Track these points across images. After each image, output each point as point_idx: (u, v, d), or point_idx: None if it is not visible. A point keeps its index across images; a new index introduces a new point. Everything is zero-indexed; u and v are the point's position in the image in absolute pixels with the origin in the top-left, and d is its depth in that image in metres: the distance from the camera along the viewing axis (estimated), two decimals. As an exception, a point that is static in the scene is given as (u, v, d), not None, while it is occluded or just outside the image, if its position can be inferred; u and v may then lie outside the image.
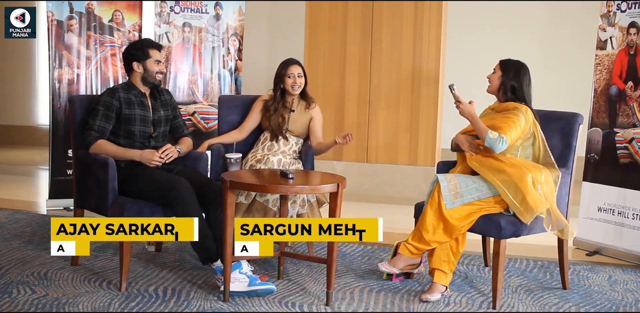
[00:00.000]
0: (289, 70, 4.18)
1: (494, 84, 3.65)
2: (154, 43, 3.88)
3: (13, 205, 5.35)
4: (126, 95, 3.77)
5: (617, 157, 4.34)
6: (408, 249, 3.56)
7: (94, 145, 3.68)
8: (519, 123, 3.48)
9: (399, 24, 6.01)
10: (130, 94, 3.78)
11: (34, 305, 3.23)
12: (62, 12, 5.23)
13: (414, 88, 6.01)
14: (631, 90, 4.30)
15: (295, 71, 4.18)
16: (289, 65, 4.20)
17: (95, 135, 3.69)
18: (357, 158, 6.20)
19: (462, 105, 3.52)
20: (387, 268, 3.63)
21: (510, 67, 3.63)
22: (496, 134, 3.41)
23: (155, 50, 3.82)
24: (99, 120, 3.71)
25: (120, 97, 3.74)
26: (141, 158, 3.69)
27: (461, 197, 3.43)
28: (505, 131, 3.44)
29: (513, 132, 3.46)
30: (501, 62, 3.68)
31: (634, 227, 4.26)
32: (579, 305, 3.45)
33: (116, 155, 3.67)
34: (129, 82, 3.83)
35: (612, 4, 4.43)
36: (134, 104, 3.77)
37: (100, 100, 3.73)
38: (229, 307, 3.27)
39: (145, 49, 3.79)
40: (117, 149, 3.70)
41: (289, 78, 4.18)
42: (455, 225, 3.40)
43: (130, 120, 3.74)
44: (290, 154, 4.17)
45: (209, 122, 5.65)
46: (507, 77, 3.60)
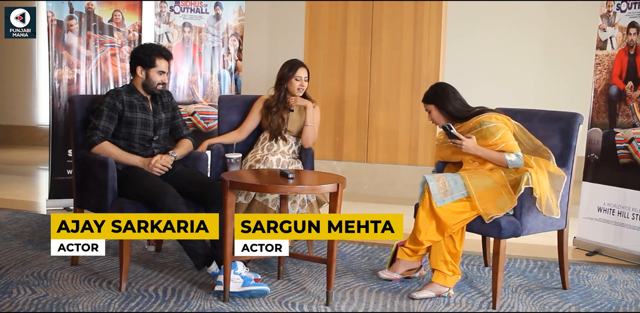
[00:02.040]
0: (297, 72, 4.18)
1: (440, 119, 3.63)
2: (165, 52, 3.80)
3: (13, 205, 5.35)
4: (129, 98, 3.76)
5: (617, 157, 4.34)
6: (405, 252, 3.63)
7: (98, 146, 3.67)
8: (505, 132, 3.49)
9: (399, 24, 6.01)
10: (132, 97, 3.78)
11: (34, 305, 3.23)
12: (62, 12, 5.23)
13: (414, 88, 6.01)
14: (631, 90, 4.30)
15: (303, 74, 4.19)
16: (298, 67, 4.19)
17: (101, 135, 3.67)
18: (357, 158, 6.20)
19: (464, 143, 3.49)
20: (388, 275, 3.68)
21: (432, 98, 3.64)
22: (512, 155, 3.46)
23: (164, 60, 3.77)
24: (104, 121, 3.69)
25: (123, 99, 3.73)
26: (144, 166, 3.71)
27: (451, 194, 3.44)
28: (511, 148, 3.47)
29: (513, 143, 3.49)
30: (423, 99, 3.69)
31: (634, 227, 4.26)
32: (579, 305, 3.45)
33: (119, 159, 3.67)
34: (132, 85, 3.82)
35: (612, 4, 4.43)
36: (136, 107, 3.76)
37: (104, 101, 3.72)
38: (228, 307, 3.27)
39: (154, 57, 3.74)
40: (121, 152, 3.70)
41: (297, 81, 4.18)
42: (446, 222, 3.40)
43: (131, 123, 3.74)
44: (289, 154, 4.17)
45: (209, 122, 5.65)
46: (439, 105, 3.60)
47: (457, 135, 3.49)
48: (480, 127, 3.51)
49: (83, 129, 3.78)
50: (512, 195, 3.35)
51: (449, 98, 3.60)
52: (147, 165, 3.71)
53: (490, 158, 3.51)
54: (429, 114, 3.67)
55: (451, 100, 3.60)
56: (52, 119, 5.24)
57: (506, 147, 3.47)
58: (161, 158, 3.74)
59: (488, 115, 3.53)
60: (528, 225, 3.41)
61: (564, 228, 3.62)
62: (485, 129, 3.50)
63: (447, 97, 3.60)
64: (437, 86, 3.70)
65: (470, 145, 3.49)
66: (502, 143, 3.47)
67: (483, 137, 3.51)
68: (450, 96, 3.61)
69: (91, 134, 3.68)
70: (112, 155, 3.65)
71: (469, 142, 3.49)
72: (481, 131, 3.51)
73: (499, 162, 3.50)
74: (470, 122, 3.56)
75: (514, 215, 3.39)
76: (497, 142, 3.48)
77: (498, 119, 3.51)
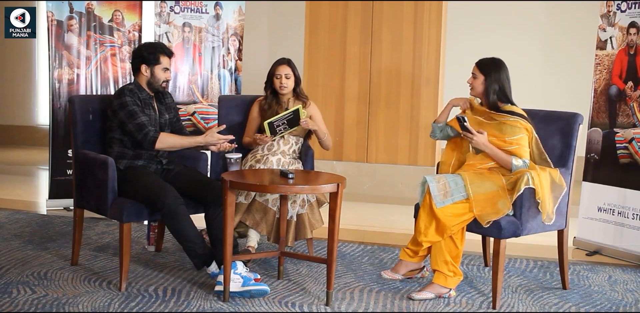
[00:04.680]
0: (276, 70, 4.15)
1: (478, 89, 3.60)
2: (167, 49, 3.80)
3: (13, 205, 5.35)
4: (142, 96, 3.75)
5: (617, 157, 4.34)
6: (406, 253, 3.64)
7: (159, 140, 3.62)
8: (524, 137, 3.49)
9: (399, 24, 6.01)
10: (142, 95, 3.76)
11: (34, 305, 3.23)
12: (62, 12, 5.23)
13: (414, 88, 6.01)
14: (631, 90, 4.30)
15: (283, 72, 4.15)
16: (277, 65, 4.17)
17: (153, 129, 3.64)
18: (357, 158, 6.20)
19: (475, 137, 3.49)
20: (390, 276, 3.68)
21: (489, 68, 3.58)
22: (520, 161, 3.46)
23: (166, 57, 3.76)
24: (144, 116, 3.65)
25: (139, 97, 3.71)
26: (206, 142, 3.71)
27: (451, 196, 3.44)
28: (523, 154, 3.48)
29: (526, 150, 3.50)
30: (478, 64, 3.62)
31: (634, 227, 4.26)
32: (579, 305, 3.45)
33: (182, 144, 3.70)
34: (137, 84, 3.78)
35: (612, 4, 4.43)
36: (148, 105, 3.76)
37: (127, 101, 3.65)
38: (229, 307, 3.27)
39: (157, 54, 3.73)
40: (181, 137, 3.72)
41: (277, 79, 4.16)
42: (446, 223, 3.40)
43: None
44: (289, 154, 4.16)
45: (208, 122, 5.65)
46: (490, 80, 3.56)
47: (469, 129, 3.50)
48: (501, 122, 3.51)
49: (83, 129, 3.78)
50: (508, 200, 3.36)
51: (501, 79, 3.55)
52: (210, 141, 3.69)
53: (496, 157, 3.51)
54: (473, 79, 3.61)
55: (502, 81, 3.55)
56: (52, 119, 5.24)
57: (519, 150, 3.47)
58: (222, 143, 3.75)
59: (515, 120, 3.50)
60: (528, 225, 3.41)
61: (564, 228, 3.62)
62: (506, 125, 3.50)
63: (499, 77, 3.55)
64: (500, 62, 3.60)
65: (480, 140, 3.49)
66: (517, 145, 3.48)
67: (501, 130, 3.51)
68: (502, 77, 3.56)
69: (145, 132, 3.62)
70: (177, 143, 3.68)
71: (480, 137, 3.49)
72: (501, 124, 3.51)
73: (504, 163, 3.50)
74: (494, 114, 3.55)
75: (514, 215, 3.39)
76: (512, 141, 3.48)
77: (521, 125, 3.50)
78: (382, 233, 4.82)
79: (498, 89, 3.56)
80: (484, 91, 3.58)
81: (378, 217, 5.37)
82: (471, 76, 3.63)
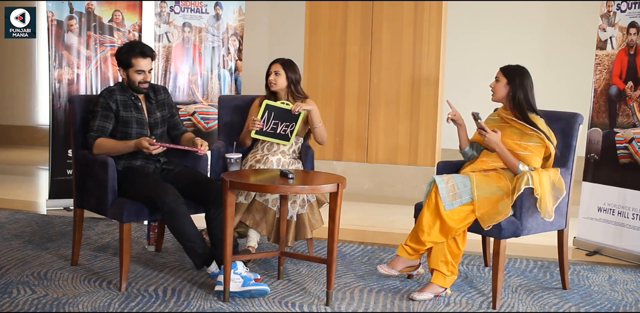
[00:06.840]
0: (269, 68, 4.21)
1: (500, 93, 3.59)
2: (141, 51, 3.69)
3: (13, 205, 5.35)
4: (122, 97, 3.74)
5: (617, 157, 4.34)
6: (405, 250, 3.60)
7: (95, 146, 3.64)
8: (540, 147, 3.48)
9: (399, 24, 6.01)
10: (125, 96, 3.76)
11: (34, 305, 3.23)
12: (62, 12, 5.23)
13: (414, 88, 6.01)
14: (631, 90, 4.30)
15: (273, 69, 4.18)
16: (271, 63, 4.22)
17: (94, 135, 3.66)
18: (357, 158, 6.20)
19: (488, 134, 3.49)
20: (386, 271, 3.65)
21: (514, 73, 3.58)
22: (527, 167, 3.46)
23: (140, 58, 3.68)
24: (98, 121, 3.68)
25: (117, 99, 3.72)
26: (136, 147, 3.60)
27: (460, 198, 3.43)
28: (533, 162, 3.47)
29: (538, 160, 3.49)
30: (503, 69, 3.62)
31: (634, 227, 4.26)
32: (579, 305, 3.45)
33: (117, 149, 3.64)
34: (122, 84, 3.80)
35: (612, 4, 4.43)
36: (130, 106, 3.75)
37: (98, 102, 3.71)
38: (229, 307, 3.27)
39: (129, 58, 3.68)
40: (115, 143, 3.66)
41: (269, 76, 4.19)
42: (452, 226, 3.40)
43: (127, 123, 3.73)
44: (289, 154, 4.16)
45: (208, 122, 5.65)
46: (513, 84, 3.55)
47: (482, 126, 3.52)
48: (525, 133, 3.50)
49: (83, 129, 3.78)
50: (509, 204, 3.36)
51: (525, 85, 3.54)
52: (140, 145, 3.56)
53: (505, 158, 3.51)
54: (496, 82, 3.61)
55: (526, 88, 3.54)
56: (52, 119, 5.24)
57: (530, 158, 3.47)
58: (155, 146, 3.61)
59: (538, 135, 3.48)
60: (528, 225, 3.41)
61: (564, 228, 3.62)
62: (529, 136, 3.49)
63: (523, 83, 3.54)
64: (525, 69, 3.60)
65: (493, 138, 3.50)
66: (530, 152, 3.47)
67: (519, 134, 3.51)
68: (526, 84, 3.55)
69: (87, 137, 3.67)
70: (110, 148, 3.62)
71: (493, 135, 3.50)
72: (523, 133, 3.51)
73: (510, 166, 3.50)
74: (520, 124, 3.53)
75: (514, 215, 3.39)
76: (527, 146, 3.48)
77: (540, 138, 3.48)
78: (382, 233, 4.82)
79: (523, 97, 3.55)
80: (508, 95, 3.58)
81: (378, 217, 5.37)
82: (494, 80, 3.62)
